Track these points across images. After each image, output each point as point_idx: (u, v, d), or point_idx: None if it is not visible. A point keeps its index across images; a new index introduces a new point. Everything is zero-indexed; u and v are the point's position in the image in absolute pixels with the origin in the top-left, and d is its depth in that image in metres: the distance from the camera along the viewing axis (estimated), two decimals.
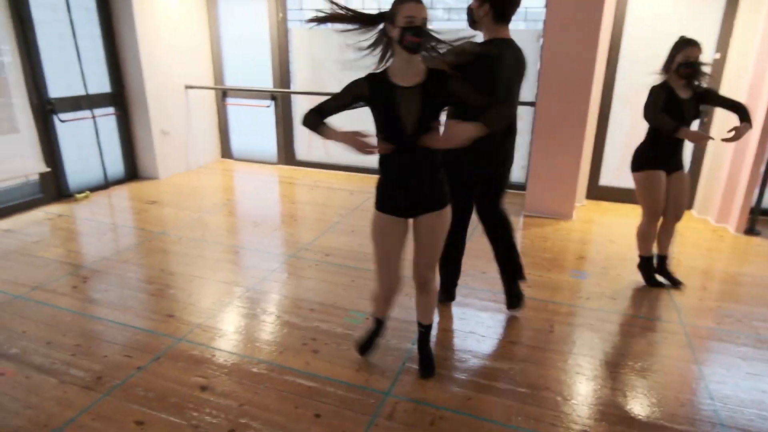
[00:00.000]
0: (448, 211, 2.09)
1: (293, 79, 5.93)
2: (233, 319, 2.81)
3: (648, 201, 3.09)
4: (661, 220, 3.17)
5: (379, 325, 2.45)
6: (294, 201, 5.09)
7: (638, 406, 2.21)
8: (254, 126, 6.29)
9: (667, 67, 2.91)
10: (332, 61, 5.68)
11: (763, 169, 4.18)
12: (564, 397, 2.23)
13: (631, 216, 4.67)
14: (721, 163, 4.49)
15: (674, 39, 2.93)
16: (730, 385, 2.34)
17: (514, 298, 2.88)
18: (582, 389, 2.30)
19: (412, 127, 1.90)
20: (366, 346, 2.46)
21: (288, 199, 5.16)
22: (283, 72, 5.88)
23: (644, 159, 3.04)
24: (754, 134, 4.13)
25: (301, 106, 6.04)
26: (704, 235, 4.24)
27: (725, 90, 4.44)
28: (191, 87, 5.76)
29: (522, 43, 5.27)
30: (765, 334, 2.76)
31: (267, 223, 4.35)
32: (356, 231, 4.09)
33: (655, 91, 2.91)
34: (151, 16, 5.12)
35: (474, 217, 2.82)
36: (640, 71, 4.80)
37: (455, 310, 2.96)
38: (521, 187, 5.20)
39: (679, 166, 3.07)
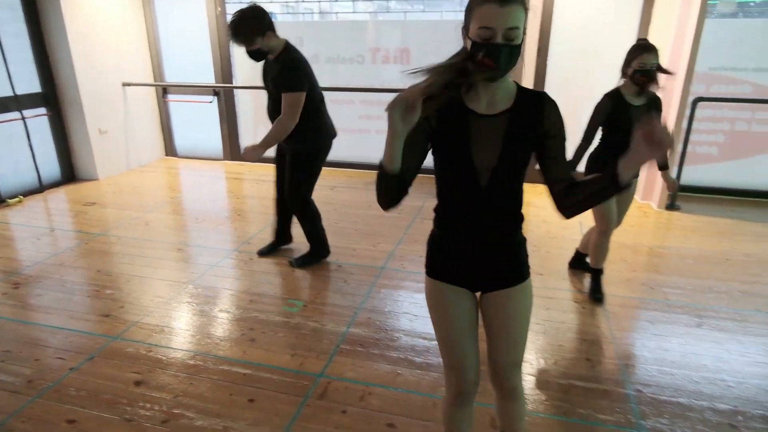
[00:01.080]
0: (528, 287, 1.47)
1: (235, 74, 5.89)
2: (171, 315, 2.83)
3: (600, 210, 2.86)
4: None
5: None
6: (239, 196, 5.09)
7: (553, 369, 2.38)
8: (198, 122, 6.21)
9: (624, 71, 2.68)
10: None
11: (680, 148, 4.49)
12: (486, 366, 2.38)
13: None
14: None
15: (600, 28, 3.00)
16: (636, 346, 2.56)
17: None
18: None
19: (488, 173, 1.33)
20: None
21: (233, 194, 5.15)
22: (224, 67, 5.83)
23: (598, 165, 2.83)
24: (671, 116, 4.42)
25: (245, 101, 6.01)
26: (630, 211, 4.47)
27: None
28: (129, 84, 5.63)
29: (446, 32, 5.44)
30: (673, 299, 3.01)
31: (212, 219, 4.35)
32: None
33: (598, 105, 2.74)
34: (82, 12, 4.96)
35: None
36: (568, 61, 5.07)
37: (390, 292, 3.08)
38: None
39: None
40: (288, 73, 2.92)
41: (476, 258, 1.43)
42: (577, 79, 4.97)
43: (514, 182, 1.37)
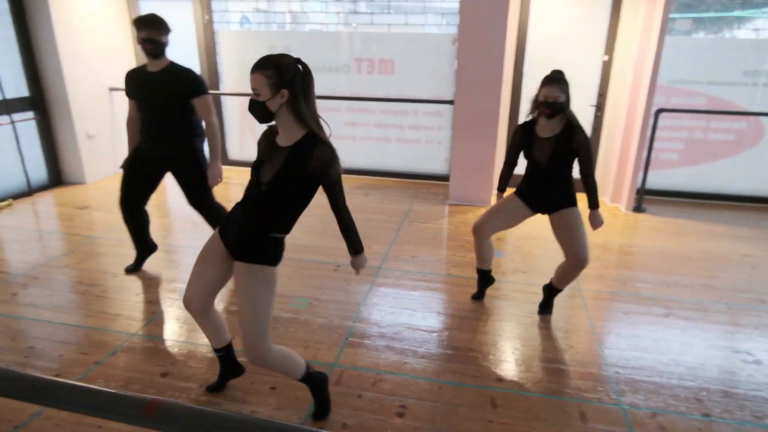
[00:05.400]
0: (260, 271, 1.90)
1: (222, 81, 6.01)
2: (181, 313, 2.97)
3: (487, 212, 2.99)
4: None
5: (217, 354, 2.27)
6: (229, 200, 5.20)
7: (542, 356, 2.66)
8: None
9: (534, 101, 2.70)
10: None
11: (645, 155, 4.88)
12: (484, 354, 2.64)
13: None
14: (613, 150, 5.17)
15: (570, 44, 3.24)
16: (613, 334, 2.87)
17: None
18: (498, 347, 2.72)
19: (265, 181, 1.87)
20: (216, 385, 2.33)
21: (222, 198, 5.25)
22: (211, 74, 5.94)
23: (522, 190, 2.89)
24: (637, 124, 4.81)
25: (231, 107, 6.14)
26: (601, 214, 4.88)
27: (612, 89, 5.12)
28: (116, 89, 5.67)
29: (439, 45, 5.71)
30: (643, 292, 3.34)
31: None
32: (312, 229, 4.29)
33: (513, 133, 2.86)
34: (70, 17, 5.01)
35: (367, 205, 3.15)
36: (542, 72, 5.40)
37: (389, 290, 3.30)
38: (445, 178, 5.65)
39: (551, 209, 2.80)
40: (197, 78, 3.13)
41: (235, 228, 1.95)
42: None
43: (282, 197, 1.88)
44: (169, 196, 5.23)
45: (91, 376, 2.37)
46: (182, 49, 5.90)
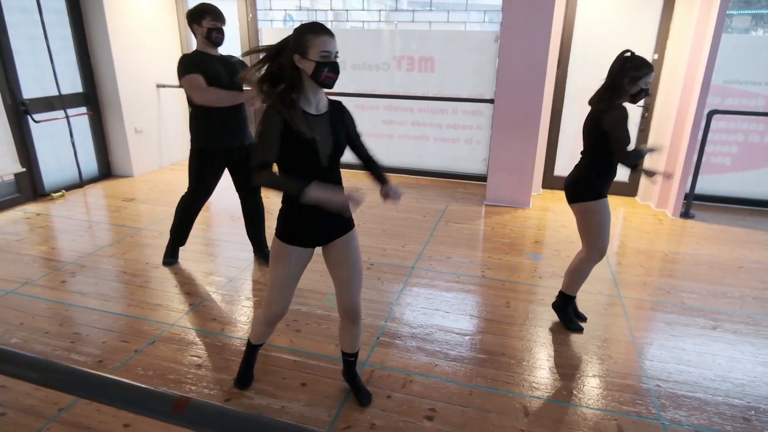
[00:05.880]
0: (355, 233, 2.04)
1: None
2: (219, 306, 3.05)
3: (601, 234, 2.67)
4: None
5: (254, 350, 2.34)
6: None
7: (579, 365, 2.58)
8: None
9: (625, 88, 2.55)
10: None
11: (695, 158, 4.66)
12: (517, 360, 2.58)
13: None
14: (660, 153, 4.95)
15: (618, 41, 3.06)
16: (656, 345, 2.75)
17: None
18: (533, 353, 2.66)
19: (327, 156, 1.85)
20: (245, 378, 2.34)
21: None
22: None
23: (597, 186, 2.63)
24: (687, 125, 4.59)
25: None
26: (646, 219, 4.70)
27: (662, 89, 4.91)
28: (163, 86, 5.87)
29: (480, 43, 5.62)
30: (689, 303, 3.19)
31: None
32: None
33: (625, 113, 2.52)
34: (122, 17, 5.21)
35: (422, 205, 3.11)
36: (587, 72, 5.24)
37: (422, 290, 3.28)
38: (482, 178, 5.56)
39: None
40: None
41: (322, 219, 1.90)
42: (595, 89, 5.14)
43: (339, 161, 1.92)
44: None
45: (130, 364, 2.47)
46: (226, 47, 6.05)
